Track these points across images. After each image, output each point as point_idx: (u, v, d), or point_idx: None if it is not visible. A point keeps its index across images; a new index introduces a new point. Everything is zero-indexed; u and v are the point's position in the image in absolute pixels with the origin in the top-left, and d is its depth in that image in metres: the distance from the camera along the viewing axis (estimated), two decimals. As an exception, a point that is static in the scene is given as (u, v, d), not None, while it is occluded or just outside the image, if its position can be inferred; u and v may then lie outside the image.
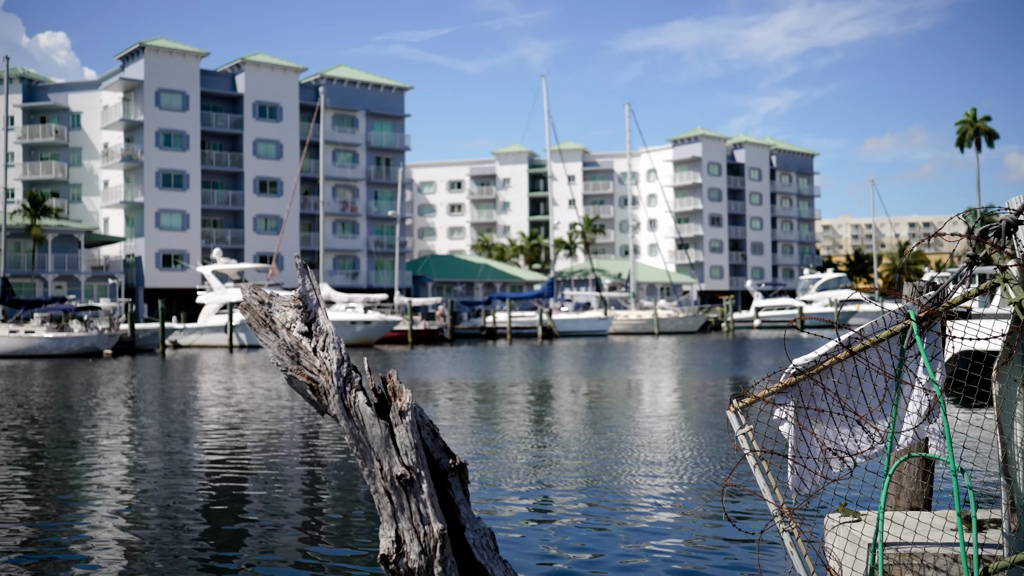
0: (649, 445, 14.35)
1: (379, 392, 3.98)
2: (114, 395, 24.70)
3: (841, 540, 4.59)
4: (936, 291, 4.18)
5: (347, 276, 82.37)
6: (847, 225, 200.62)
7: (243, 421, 18.29)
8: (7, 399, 23.36)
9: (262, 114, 78.80)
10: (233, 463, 13.16)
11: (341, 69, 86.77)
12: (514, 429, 16.77)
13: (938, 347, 4.16)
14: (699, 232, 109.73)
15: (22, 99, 78.58)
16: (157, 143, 73.51)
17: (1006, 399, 3.94)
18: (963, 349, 4.79)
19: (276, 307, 4.08)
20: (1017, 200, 4.00)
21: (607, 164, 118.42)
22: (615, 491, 10.79)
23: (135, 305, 62.29)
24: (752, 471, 4.15)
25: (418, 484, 3.75)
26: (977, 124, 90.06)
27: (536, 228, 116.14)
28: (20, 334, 46.99)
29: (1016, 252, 3.93)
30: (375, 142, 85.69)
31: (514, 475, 11.92)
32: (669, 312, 76.61)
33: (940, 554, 4.30)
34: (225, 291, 56.69)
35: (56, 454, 14.23)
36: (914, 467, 5.45)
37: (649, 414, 19.03)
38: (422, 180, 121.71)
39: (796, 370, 4.19)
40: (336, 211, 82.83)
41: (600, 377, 29.52)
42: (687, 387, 25.64)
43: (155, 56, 73.50)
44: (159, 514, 9.81)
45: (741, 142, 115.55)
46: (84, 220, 76.91)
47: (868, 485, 4.57)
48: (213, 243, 75.35)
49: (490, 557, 3.85)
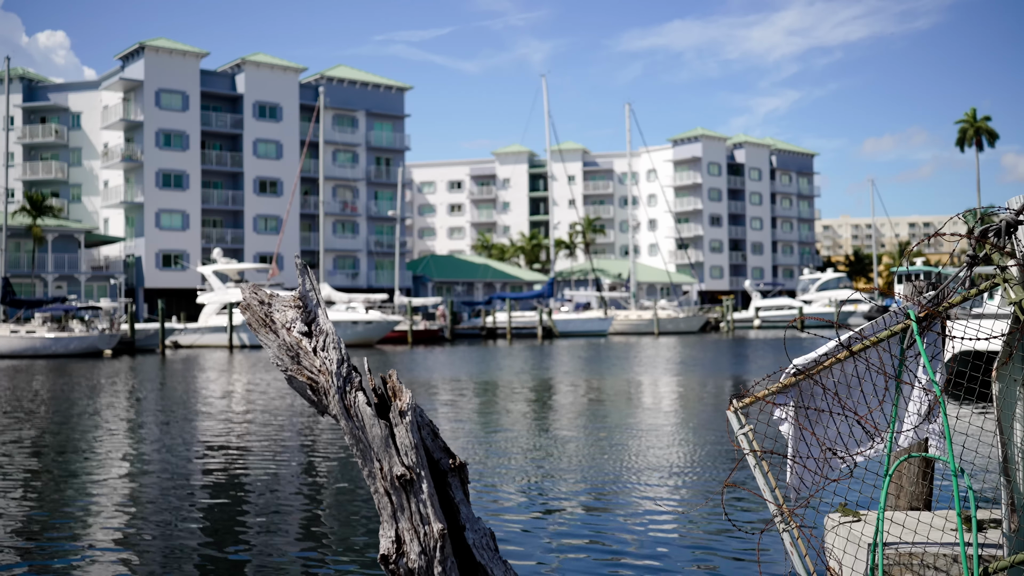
0: (649, 445, 14.35)
1: (379, 392, 3.98)
2: (115, 395, 24.70)
3: (841, 540, 4.59)
4: (936, 291, 4.18)
5: (347, 276, 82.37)
6: (847, 225, 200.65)
7: (243, 421, 18.29)
8: (9, 399, 23.35)
9: (262, 114, 78.80)
10: (233, 463, 13.17)
11: (341, 69, 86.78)
12: (514, 429, 16.77)
13: (938, 347, 4.16)
14: (699, 232, 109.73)
15: (22, 99, 78.59)
16: (157, 143, 73.51)
17: (1006, 399, 3.94)
18: (963, 349, 4.79)
19: (276, 307, 4.08)
20: (1017, 200, 4.00)
21: (607, 164, 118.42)
22: (615, 491, 10.79)
23: (135, 305, 62.29)
24: (752, 471, 4.15)
25: (418, 484, 3.75)
26: (977, 124, 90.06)
27: (536, 228, 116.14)
28: (21, 334, 46.98)
29: (1016, 252, 3.93)
30: (375, 142, 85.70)
31: (514, 475, 11.92)
32: (669, 312, 76.61)
33: (940, 554, 4.30)
34: (226, 291, 56.67)
35: (57, 454, 14.23)
36: (914, 467, 5.45)
37: (649, 414, 19.03)
38: (422, 180, 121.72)
39: (796, 370, 4.19)
40: (336, 211, 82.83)
41: (600, 377, 29.52)
42: (687, 387, 25.64)
43: (155, 56, 73.50)
44: (159, 514, 9.81)
45: (741, 142, 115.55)
46: (84, 220, 76.92)
47: (868, 485, 4.57)
48: (213, 243, 75.34)
49: (490, 557, 3.85)
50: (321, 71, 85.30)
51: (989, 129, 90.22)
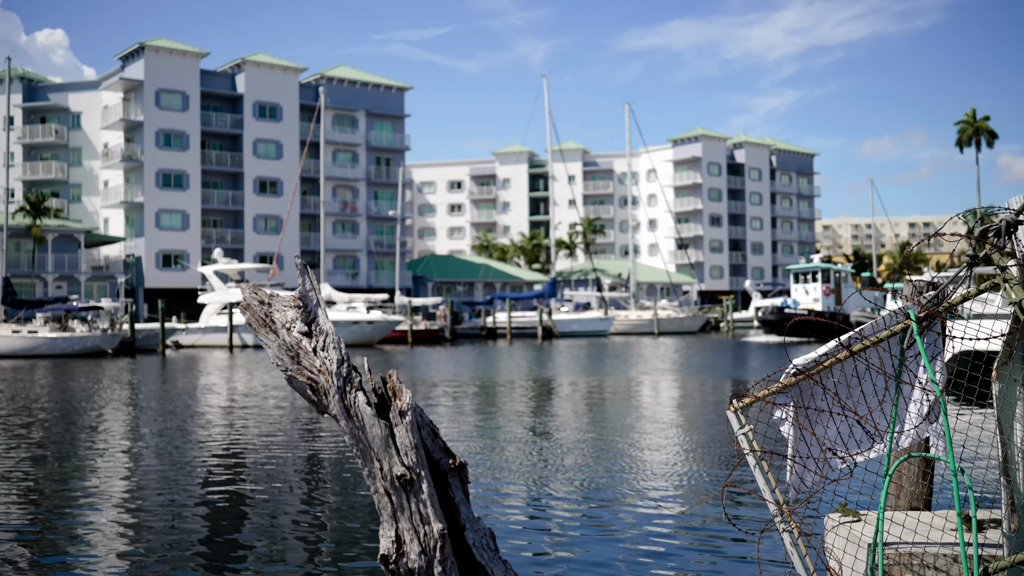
0: (649, 445, 14.35)
1: (379, 392, 3.98)
2: (117, 395, 24.70)
3: (841, 540, 4.59)
4: (936, 291, 4.18)
5: (347, 276, 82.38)
6: (847, 225, 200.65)
7: (243, 421, 18.29)
8: (10, 399, 23.36)
9: (262, 114, 78.82)
10: (233, 463, 13.17)
11: (341, 69, 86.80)
12: (514, 429, 16.77)
13: (938, 347, 4.17)
14: (699, 232, 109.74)
15: (22, 99, 78.61)
16: (157, 143, 73.52)
17: (1006, 399, 3.94)
18: (963, 349, 4.79)
19: (276, 307, 4.08)
20: (1017, 200, 4.01)
21: (607, 164, 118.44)
22: (615, 491, 10.79)
23: (135, 305, 62.30)
24: (752, 471, 4.15)
25: (418, 484, 3.76)
26: (977, 124, 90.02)
27: (536, 228, 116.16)
28: (23, 334, 46.98)
29: (1016, 252, 3.93)
30: (375, 142, 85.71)
31: (514, 475, 11.92)
32: (669, 312, 76.62)
33: (940, 554, 4.30)
34: (226, 291, 56.68)
35: (58, 453, 14.23)
36: (914, 467, 5.44)
37: (649, 414, 19.03)
38: (422, 180, 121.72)
39: (796, 370, 4.19)
40: (336, 211, 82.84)
41: (600, 377, 29.52)
42: (687, 387, 25.64)
43: (155, 56, 73.51)
44: (159, 513, 9.81)
45: (741, 142, 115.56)
46: (84, 220, 76.93)
47: (868, 485, 4.57)
48: (213, 243, 75.35)
49: (490, 557, 3.85)
50: (321, 71, 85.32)
51: (989, 129, 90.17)
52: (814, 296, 63.13)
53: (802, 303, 63.02)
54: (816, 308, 61.41)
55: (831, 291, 63.03)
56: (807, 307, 61.72)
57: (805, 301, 63.19)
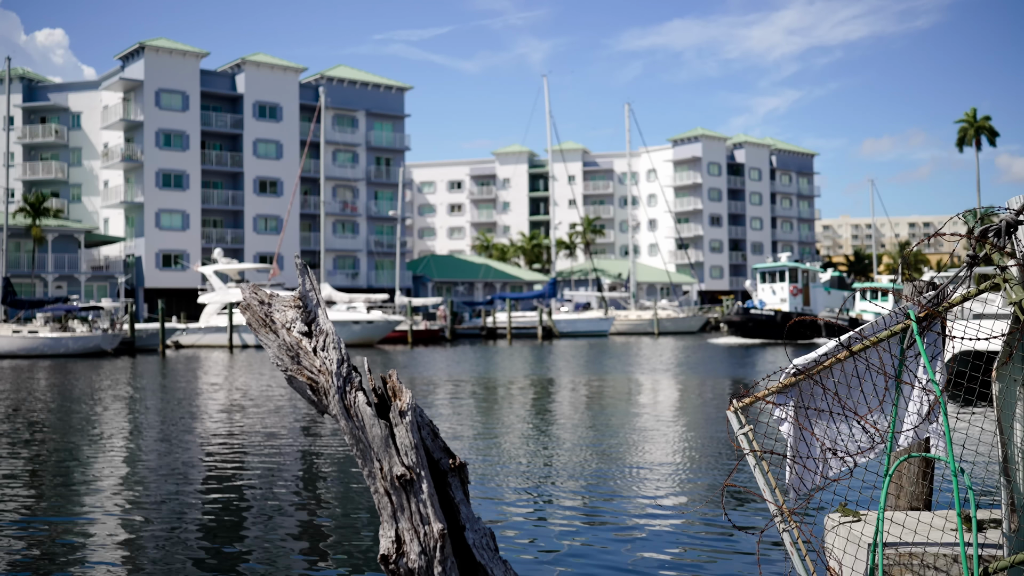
0: (649, 445, 14.36)
1: (379, 392, 3.98)
2: (117, 395, 24.70)
3: (841, 540, 4.59)
4: (936, 291, 4.18)
5: (347, 276, 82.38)
6: (847, 225, 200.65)
7: (244, 421, 18.29)
8: (10, 399, 23.36)
9: (262, 114, 78.81)
10: (233, 463, 13.17)
11: (341, 69, 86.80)
12: (514, 429, 16.77)
13: (938, 347, 4.16)
14: (699, 232, 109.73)
15: (22, 99, 78.60)
16: (157, 143, 73.52)
17: (1006, 399, 3.94)
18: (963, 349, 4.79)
19: (276, 307, 4.08)
20: (1017, 200, 4.01)
21: (607, 164, 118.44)
22: (615, 491, 10.79)
23: (135, 305, 62.28)
24: (752, 471, 4.15)
25: (418, 484, 3.75)
26: (977, 124, 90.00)
27: (536, 228, 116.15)
28: (23, 334, 46.98)
29: (1016, 252, 3.93)
30: (375, 142, 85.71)
31: (514, 475, 11.92)
32: (669, 312, 76.61)
33: (940, 554, 4.30)
34: (226, 291, 56.68)
35: (59, 453, 14.23)
36: (914, 467, 5.44)
37: (649, 414, 19.03)
38: (422, 180, 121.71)
39: (796, 370, 4.19)
40: (336, 211, 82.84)
41: (600, 377, 29.52)
42: (687, 387, 25.64)
43: (155, 56, 73.50)
44: (160, 513, 9.81)
45: (741, 142, 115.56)
46: (84, 220, 76.91)
47: (868, 485, 4.57)
48: (213, 243, 75.35)
49: (490, 557, 3.85)
50: (321, 71, 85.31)
51: (990, 128, 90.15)
52: (781, 296, 60.15)
53: (768, 303, 60.23)
54: (783, 308, 58.86)
55: (799, 291, 59.95)
56: (774, 307, 59.09)
57: (772, 301, 60.29)
